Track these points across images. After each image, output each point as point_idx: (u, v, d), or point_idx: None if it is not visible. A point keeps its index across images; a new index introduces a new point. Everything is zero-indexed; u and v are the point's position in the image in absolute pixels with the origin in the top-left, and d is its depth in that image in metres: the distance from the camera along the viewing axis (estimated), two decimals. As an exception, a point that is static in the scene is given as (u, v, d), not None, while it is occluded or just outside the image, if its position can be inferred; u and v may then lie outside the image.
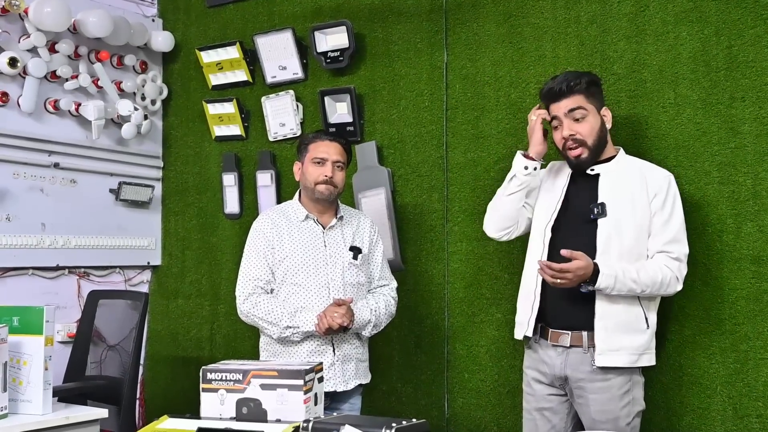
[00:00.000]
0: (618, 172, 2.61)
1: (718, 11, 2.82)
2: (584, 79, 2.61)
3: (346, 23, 3.61)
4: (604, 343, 2.52)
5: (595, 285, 2.46)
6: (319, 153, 2.96)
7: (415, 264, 3.53)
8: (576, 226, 2.60)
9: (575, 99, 2.58)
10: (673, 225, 2.56)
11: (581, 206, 2.60)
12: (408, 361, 3.54)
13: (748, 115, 2.76)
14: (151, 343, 4.34)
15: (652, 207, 2.55)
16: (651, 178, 2.60)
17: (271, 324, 2.86)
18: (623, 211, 2.55)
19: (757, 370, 2.71)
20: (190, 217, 4.29)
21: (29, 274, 3.83)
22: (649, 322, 2.56)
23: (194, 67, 4.24)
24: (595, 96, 2.63)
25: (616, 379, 2.54)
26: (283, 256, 2.93)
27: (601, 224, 2.55)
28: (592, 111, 2.59)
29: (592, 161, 2.62)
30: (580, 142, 2.58)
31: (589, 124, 2.58)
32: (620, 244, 2.54)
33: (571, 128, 2.58)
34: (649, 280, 2.49)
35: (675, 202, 2.58)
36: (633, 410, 2.57)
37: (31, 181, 3.82)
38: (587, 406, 2.57)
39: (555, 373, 2.62)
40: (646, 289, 2.49)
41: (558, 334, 2.60)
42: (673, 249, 2.55)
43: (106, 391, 3.38)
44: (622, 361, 2.53)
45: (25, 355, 2.56)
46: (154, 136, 4.36)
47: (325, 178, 2.93)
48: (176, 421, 2.16)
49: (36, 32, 3.70)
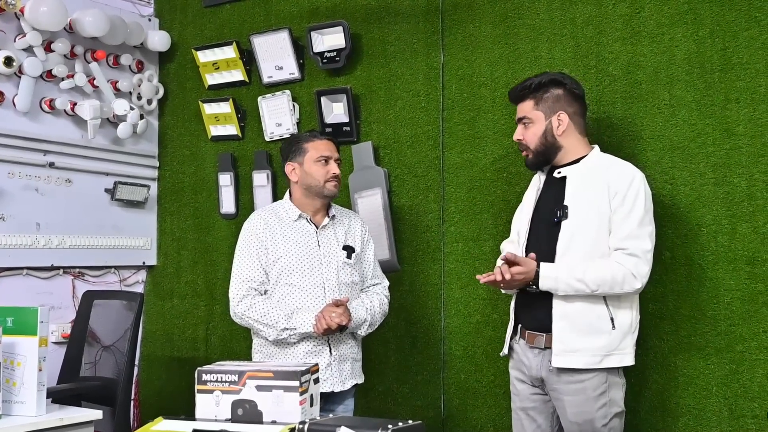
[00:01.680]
0: (584, 174, 2.64)
1: (712, 13, 2.83)
2: (535, 83, 2.69)
3: (343, 23, 3.61)
4: (562, 343, 2.53)
5: (539, 287, 2.54)
6: (323, 151, 2.96)
7: (411, 264, 3.53)
8: (542, 230, 2.65)
9: (523, 107, 2.72)
10: (632, 221, 2.54)
11: (548, 210, 2.65)
12: (404, 362, 3.54)
13: (742, 116, 2.76)
14: (146, 343, 4.33)
15: (612, 204, 2.56)
16: (614, 175, 2.59)
17: (267, 326, 2.85)
18: (586, 211, 2.57)
19: (752, 371, 2.71)
20: (186, 217, 4.28)
21: (23, 274, 3.83)
22: (615, 322, 2.54)
23: (190, 66, 4.23)
24: (548, 101, 2.67)
25: (591, 381, 2.54)
26: (277, 257, 2.91)
27: (564, 226, 2.58)
28: (537, 119, 2.68)
29: (538, 164, 2.73)
30: (525, 147, 2.73)
31: (532, 131, 2.69)
32: (583, 244, 2.55)
33: (518, 133, 2.75)
34: (597, 279, 2.49)
35: (636, 199, 2.56)
36: (610, 411, 2.55)
37: (26, 180, 3.81)
38: (563, 408, 2.58)
39: (533, 375, 2.64)
40: (596, 288, 2.49)
41: (533, 335, 2.62)
42: (628, 245, 2.53)
43: (100, 392, 3.37)
44: (580, 362, 2.52)
45: (19, 356, 2.55)
46: (150, 135, 4.36)
47: (334, 175, 2.94)
48: (171, 422, 2.15)
49: (32, 31, 3.69)
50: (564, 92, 2.68)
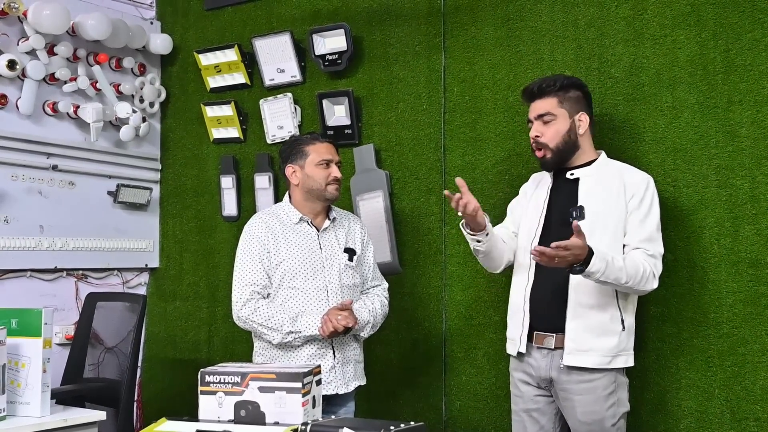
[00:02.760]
0: (597, 176, 2.65)
1: (715, 15, 2.83)
2: (560, 81, 2.67)
3: (345, 26, 3.62)
4: (574, 342, 2.55)
5: (588, 267, 2.42)
6: (324, 155, 2.96)
7: (412, 267, 3.53)
8: (557, 230, 2.63)
9: (546, 102, 2.66)
10: (650, 224, 2.57)
11: (562, 211, 2.64)
12: (406, 364, 3.54)
13: (745, 118, 2.76)
14: (149, 345, 4.34)
15: (629, 207, 2.58)
16: (629, 179, 2.62)
17: (272, 330, 2.85)
18: (602, 213, 2.58)
19: (754, 374, 2.71)
20: (188, 220, 4.29)
21: (27, 276, 3.83)
22: (625, 323, 2.57)
23: (192, 69, 4.24)
24: (571, 100, 2.67)
25: (601, 381, 2.55)
26: (280, 260, 2.91)
27: (581, 226, 2.57)
28: (561, 115, 2.65)
29: (556, 163, 2.69)
30: (543, 145, 2.67)
31: (554, 128, 2.65)
32: (599, 244, 2.54)
33: (537, 130, 2.68)
34: (633, 271, 2.49)
35: (652, 203, 2.60)
36: (618, 411, 2.58)
37: (30, 183, 3.82)
38: (573, 408, 2.58)
39: (541, 375, 2.64)
40: (629, 280, 2.48)
41: (543, 336, 2.62)
42: (649, 247, 2.56)
43: (104, 393, 3.38)
44: (592, 362, 2.53)
45: (23, 358, 2.55)
46: (153, 138, 4.36)
47: (335, 178, 2.94)
48: (174, 423, 2.15)
49: (35, 35, 3.70)
50: (583, 95, 2.71)
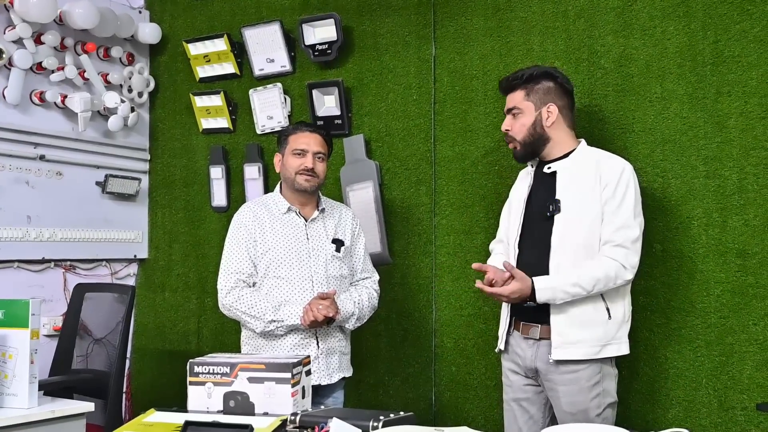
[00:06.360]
0: (573, 168, 2.65)
1: (704, 6, 2.83)
2: (527, 74, 2.70)
3: (335, 16, 3.61)
4: (561, 336, 2.55)
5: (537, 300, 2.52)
6: (300, 144, 2.95)
7: (402, 257, 3.53)
8: (535, 225, 2.66)
9: (513, 97, 2.72)
10: (624, 211, 2.56)
11: (540, 205, 2.66)
12: (395, 354, 3.54)
13: (734, 109, 2.77)
14: (138, 336, 4.33)
15: (604, 196, 2.58)
16: (604, 168, 2.61)
17: (254, 318, 2.85)
18: (578, 204, 2.58)
19: (742, 363, 2.73)
20: (177, 210, 4.27)
21: (15, 267, 3.81)
22: (611, 312, 2.57)
23: (181, 59, 4.22)
24: (539, 92, 2.68)
25: (585, 371, 2.55)
26: (266, 249, 2.91)
27: (557, 220, 2.59)
28: (527, 109, 2.68)
29: (526, 156, 2.74)
30: (512, 138, 2.73)
31: (520, 122, 2.69)
32: (576, 237, 2.56)
33: (506, 124, 2.75)
34: (592, 279, 2.50)
35: (627, 189, 2.58)
36: (603, 402, 2.58)
37: (17, 173, 3.80)
38: (557, 398, 2.59)
39: (527, 365, 2.65)
40: (592, 289, 2.51)
41: (528, 326, 2.64)
42: (618, 237, 2.55)
43: (92, 384, 3.37)
44: (580, 353, 2.54)
45: (10, 349, 2.55)
46: (141, 128, 4.34)
47: (306, 168, 2.92)
48: (163, 414, 2.15)
49: (22, 23, 3.67)
50: (555, 85, 2.70)
